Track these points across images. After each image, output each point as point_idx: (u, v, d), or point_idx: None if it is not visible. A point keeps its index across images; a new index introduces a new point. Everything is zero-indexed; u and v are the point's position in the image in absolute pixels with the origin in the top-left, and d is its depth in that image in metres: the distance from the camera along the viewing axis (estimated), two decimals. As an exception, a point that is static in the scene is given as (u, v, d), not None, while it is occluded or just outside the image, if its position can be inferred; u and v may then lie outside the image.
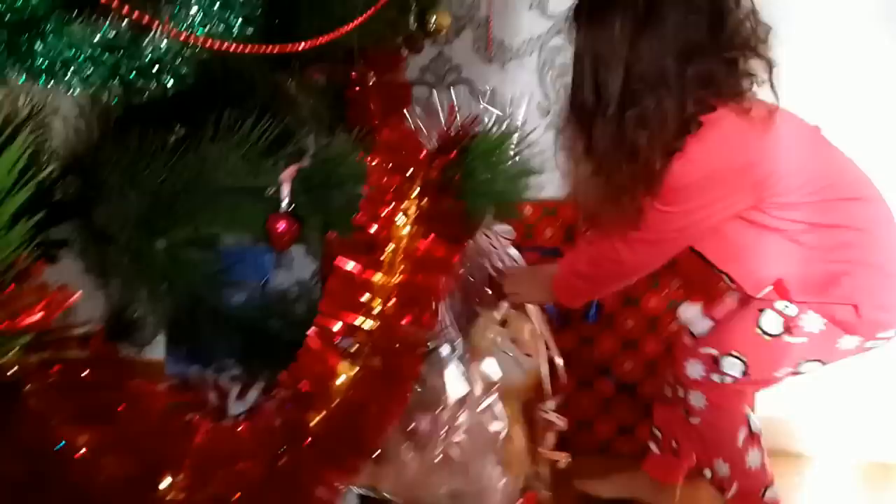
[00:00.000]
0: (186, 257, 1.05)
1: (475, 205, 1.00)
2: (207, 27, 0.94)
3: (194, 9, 0.92)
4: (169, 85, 0.90)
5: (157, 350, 1.48)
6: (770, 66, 1.31)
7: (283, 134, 1.16)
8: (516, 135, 1.04)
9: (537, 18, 1.85)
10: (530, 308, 1.52)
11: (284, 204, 1.01)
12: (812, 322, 1.38)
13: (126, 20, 0.80)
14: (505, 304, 1.51)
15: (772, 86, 1.32)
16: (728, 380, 1.44)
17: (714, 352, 1.45)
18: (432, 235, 0.95)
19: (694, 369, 1.47)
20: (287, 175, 1.04)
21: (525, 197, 1.82)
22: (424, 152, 0.98)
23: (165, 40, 0.85)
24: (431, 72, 1.90)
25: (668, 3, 1.26)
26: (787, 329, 1.39)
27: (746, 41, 1.30)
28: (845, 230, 1.38)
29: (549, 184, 1.91)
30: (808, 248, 1.37)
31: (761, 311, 1.40)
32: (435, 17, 1.49)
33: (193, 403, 1.27)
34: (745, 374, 1.43)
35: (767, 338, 1.40)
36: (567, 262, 1.52)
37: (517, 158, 1.06)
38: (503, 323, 1.51)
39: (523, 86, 1.90)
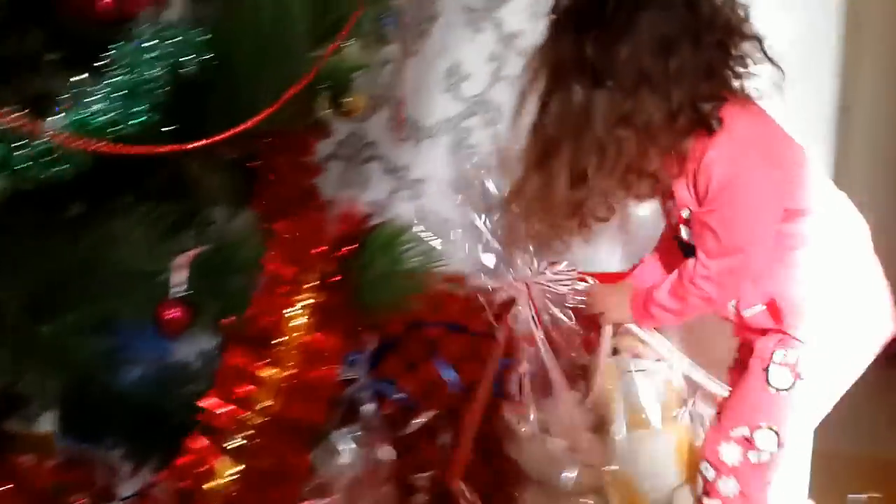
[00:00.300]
0: (76, 340, 1.04)
1: (372, 298, 1.02)
2: (109, 116, 0.95)
3: (93, 97, 0.93)
4: (63, 172, 0.90)
5: (48, 422, 1.44)
6: (760, 41, 1.30)
7: (185, 214, 1.17)
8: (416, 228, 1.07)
9: (451, 101, 1.92)
10: (633, 328, 1.51)
11: (178, 291, 1.01)
12: (812, 357, 1.38)
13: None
14: (606, 334, 1.51)
15: (769, 60, 1.31)
16: (765, 457, 1.41)
17: (745, 430, 1.41)
18: (327, 329, 0.96)
19: (731, 454, 1.42)
20: (183, 260, 1.04)
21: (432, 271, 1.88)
22: (323, 244, 0.99)
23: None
24: (346, 147, 1.93)
25: (638, 4, 1.25)
26: (797, 375, 1.38)
27: (728, 23, 1.29)
28: (835, 246, 1.38)
29: (458, 257, 1.96)
30: (801, 267, 1.36)
31: (765, 370, 1.39)
32: (349, 98, 1.50)
33: (81, 483, 1.24)
34: (779, 445, 1.40)
35: (784, 393, 1.39)
36: (646, 292, 1.46)
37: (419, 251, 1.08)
38: (615, 351, 1.50)
39: (436, 164, 1.94)
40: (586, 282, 1.53)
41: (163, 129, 1.04)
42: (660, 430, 1.48)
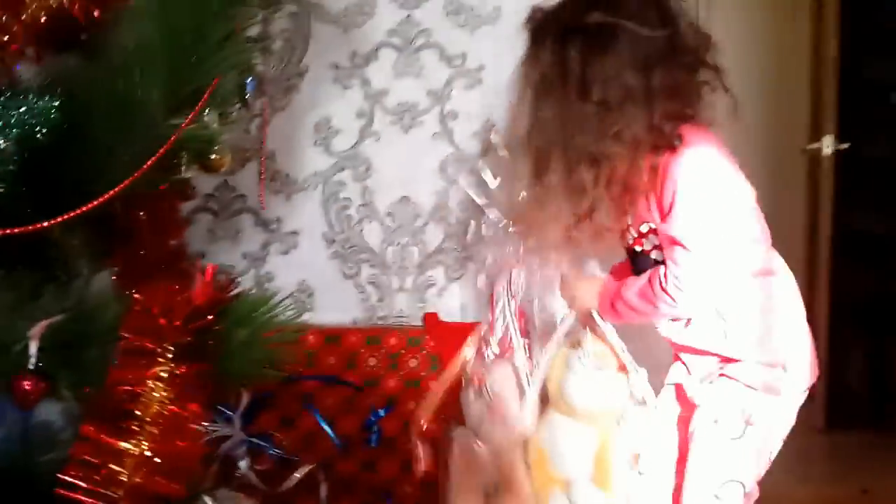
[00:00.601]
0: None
1: (234, 368, 1.02)
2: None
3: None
4: None
5: None
6: (720, 71, 1.35)
7: (43, 279, 1.14)
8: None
9: (321, 155, 1.94)
10: (599, 320, 1.51)
11: (31, 363, 0.99)
12: (757, 402, 1.41)
13: None
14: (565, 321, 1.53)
15: (726, 90, 1.34)
16: None
17: (712, 488, 1.43)
18: (188, 400, 0.96)
19: None
20: (36, 332, 1.02)
21: (307, 324, 1.88)
22: (182, 313, 0.99)
23: None
24: (215, 199, 1.92)
25: (620, 22, 1.28)
26: (747, 421, 1.41)
27: (696, 49, 1.33)
28: (772, 279, 1.43)
29: (333, 310, 1.97)
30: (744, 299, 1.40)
31: (716, 422, 1.43)
32: (215, 155, 1.49)
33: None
34: (744, 494, 1.44)
35: (738, 441, 1.42)
36: (616, 287, 1.46)
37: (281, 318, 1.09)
38: (576, 343, 1.51)
39: (308, 217, 1.96)
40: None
41: (16, 198, 1.02)
42: (586, 425, 1.52)
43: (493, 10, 1.90)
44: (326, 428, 1.80)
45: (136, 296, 1.00)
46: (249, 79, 1.33)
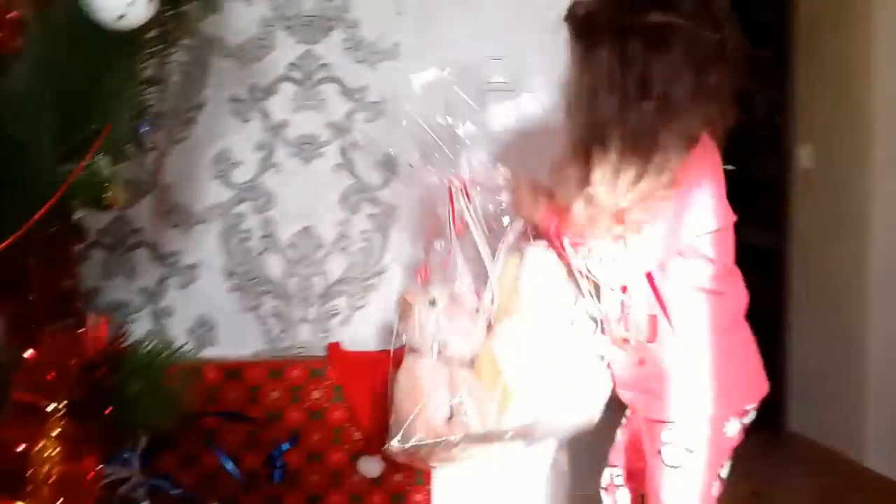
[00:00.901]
0: None
1: (129, 419, 1.00)
2: None
3: None
4: None
5: None
6: (747, 71, 1.38)
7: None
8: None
9: (221, 187, 1.91)
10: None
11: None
12: (689, 430, 1.43)
13: None
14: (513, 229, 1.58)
15: (751, 89, 1.40)
16: None
17: None
18: (81, 456, 0.94)
19: None
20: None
21: (207, 359, 1.86)
22: (74, 367, 0.97)
23: None
24: (110, 234, 1.87)
25: (680, 23, 1.30)
26: (686, 450, 1.43)
27: (738, 51, 1.36)
28: (732, 300, 1.48)
29: (234, 343, 1.95)
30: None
31: (659, 452, 1.45)
32: (109, 194, 1.46)
33: None
34: None
35: (681, 469, 1.43)
36: (557, 225, 1.49)
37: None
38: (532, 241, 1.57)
39: (207, 250, 1.93)
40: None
41: None
42: (536, 330, 1.55)
43: (393, 45, 1.92)
44: (227, 466, 1.77)
45: (27, 352, 0.97)
46: (144, 121, 1.31)
